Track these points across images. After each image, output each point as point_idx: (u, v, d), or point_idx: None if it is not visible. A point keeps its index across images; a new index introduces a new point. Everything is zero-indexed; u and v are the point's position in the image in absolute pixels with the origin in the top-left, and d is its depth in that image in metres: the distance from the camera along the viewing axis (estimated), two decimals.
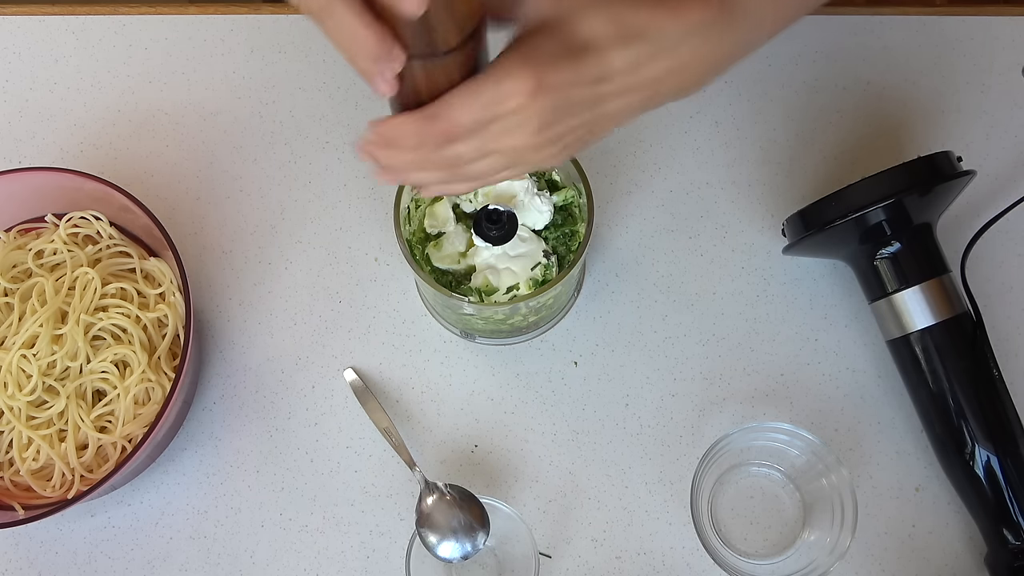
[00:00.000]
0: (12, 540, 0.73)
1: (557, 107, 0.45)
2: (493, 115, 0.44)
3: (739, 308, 0.76)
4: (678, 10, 0.45)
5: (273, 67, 0.84)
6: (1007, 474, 0.67)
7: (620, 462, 0.73)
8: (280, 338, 0.77)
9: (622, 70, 0.45)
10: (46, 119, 0.82)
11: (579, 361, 0.76)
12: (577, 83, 0.45)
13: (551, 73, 0.43)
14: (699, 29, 0.46)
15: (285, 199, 0.80)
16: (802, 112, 0.81)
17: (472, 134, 0.45)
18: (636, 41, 0.44)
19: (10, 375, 0.68)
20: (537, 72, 0.43)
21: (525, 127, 0.45)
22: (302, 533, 0.72)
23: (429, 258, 0.68)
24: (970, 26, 0.83)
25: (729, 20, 0.47)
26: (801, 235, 0.71)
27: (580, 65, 0.44)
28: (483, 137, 0.45)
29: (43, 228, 0.75)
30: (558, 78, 0.44)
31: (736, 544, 0.72)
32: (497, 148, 0.46)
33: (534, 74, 0.43)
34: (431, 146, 0.46)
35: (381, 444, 0.74)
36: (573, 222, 0.68)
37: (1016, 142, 0.80)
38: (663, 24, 0.45)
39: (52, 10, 0.86)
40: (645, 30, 0.44)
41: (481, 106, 0.44)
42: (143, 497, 0.73)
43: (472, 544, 0.67)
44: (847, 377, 0.75)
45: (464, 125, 0.44)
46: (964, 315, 0.69)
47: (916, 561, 0.71)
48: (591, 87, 0.45)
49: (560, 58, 0.44)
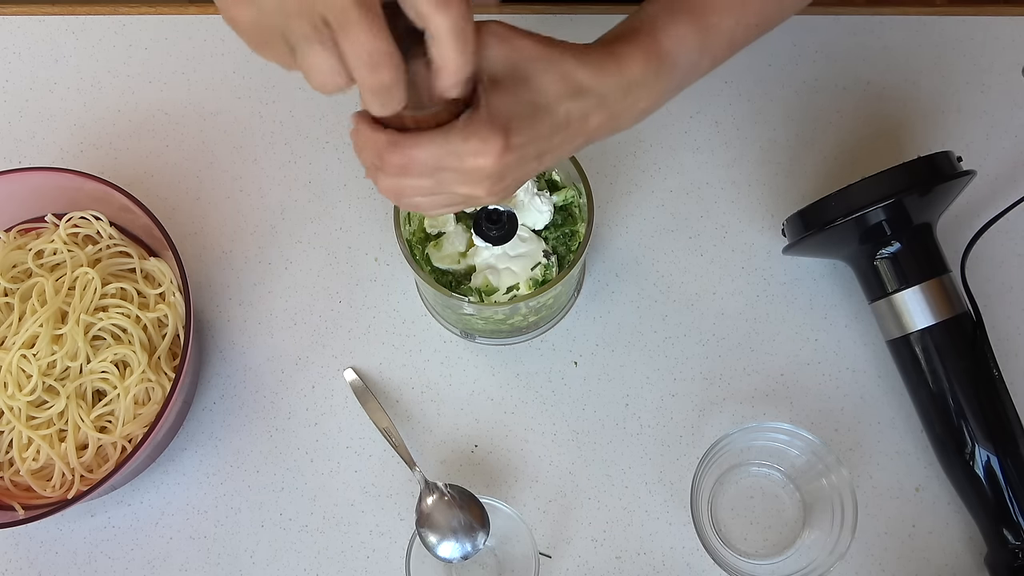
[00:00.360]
0: (12, 540, 0.73)
1: (513, 163, 0.48)
2: (453, 166, 0.47)
3: (739, 308, 0.76)
4: (619, 67, 0.51)
5: (273, 67, 0.82)
6: (1007, 474, 0.67)
7: (620, 462, 0.73)
8: (280, 338, 0.77)
9: (571, 122, 0.50)
10: (46, 119, 0.82)
11: (579, 361, 0.76)
12: (535, 139, 0.49)
13: (514, 135, 0.47)
14: (637, 83, 0.52)
15: (285, 199, 0.80)
16: (802, 112, 0.81)
17: (425, 175, 0.48)
18: (583, 96, 0.50)
19: (10, 375, 0.68)
20: (504, 134, 0.47)
21: (482, 182, 0.48)
22: (302, 533, 0.72)
23: (429, 258, 0.68)
24: (970, 26, 0.83)
25: (661, 72, 0.53)
26: (801, 235, 0.71)
27: (537, 122, 0.48)
28: (437, 179, 0.48)
29: (43, 228, 0.75)
30: (520, 139, 0.48)
31: (736, 544, 0.72)
32: (447, 191, 0.49)
33: (503, 135, 0.47)
34: (386, 168, 0.48)
35: (381, 444, 0.74)
36: (573, 222, 0.68)
37: (1016, 142, 0.80)
38: (606, 80, 0.50)
39: (52, 10, 0.86)
40: (591, 87, 0.50)
41: (445, 154, 0.47)
42: (143, 497, 0.73)
43: (472, 544, 0.67)
44: (847, 377, 0.75)
45: (421, 165, 0.47)
46: (964, 315, 0.69)
47: (916, 561, 0.71)
48: (545, 140, 0.50)
49: (521, 118, 0.48)
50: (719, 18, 0.55)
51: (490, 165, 0.47)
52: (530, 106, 0.48)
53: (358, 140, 0.49)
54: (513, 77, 0.48)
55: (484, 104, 0.47)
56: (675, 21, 0.54)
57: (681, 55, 0.54)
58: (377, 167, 0.49)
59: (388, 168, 0.48)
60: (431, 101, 0.46)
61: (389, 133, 0.47)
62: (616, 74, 0.51)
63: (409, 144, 0.47)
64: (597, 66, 0.50)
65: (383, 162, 0.48)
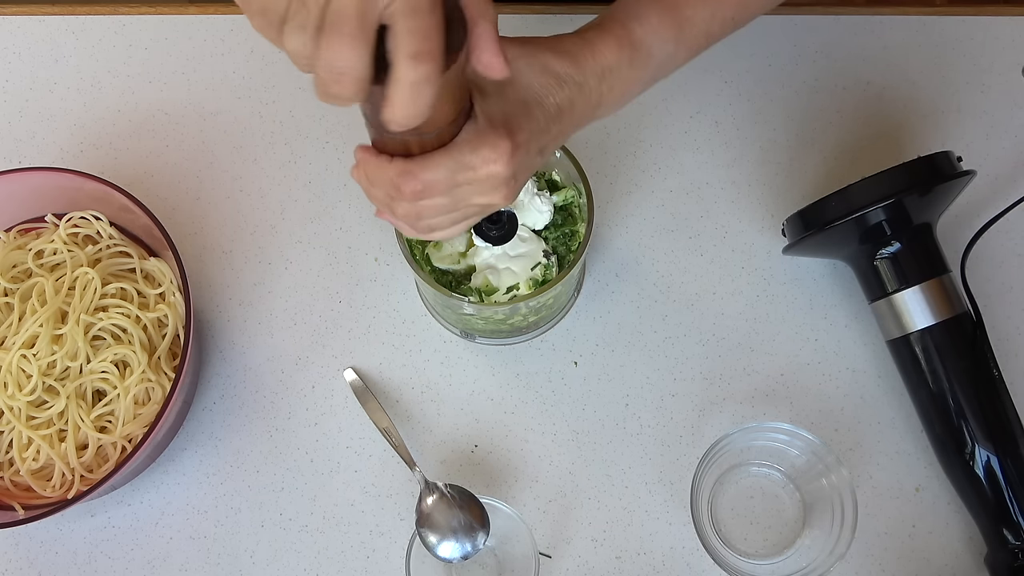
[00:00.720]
0: (12, 540, 0.73)
1: (522, 161, 0.50)
2: (468, 179, 0.49)
3: (739, 308, 0.76)
4: (592, 55, 0.53)
5: (273, 67, 0.84)
6: (1007, 474, 0.67)
7: (620, 462, 0.73)
8: (280, 338, 0.77)
9: (562, 111, 0.52)
10: (46, 119, 0.82)
11: (579, 361, 0.76)
12: (535, 132, 0.51)
13: (517, 133, 0.49)
14: (610, 69, 0.54)
15: (285, 199, 0.80)
16: (802, 112, 0.81)
17: (442, 194, 0.49)
18: (565, 85, 0.52)
19: (10, 375, 0.68)
20: (509, 135, 0.48)
21: (499, 188, 0.50)
22: (302, 533, 0.72)
23: (429, 258, 0.68)
24: (970, 26, 0.83)
25: (635, 60, 0.55)
26: (801, 235, 0.71)
27: (533, 117, 0.50)
28: (453, 196, 0.49)
29: (43, 228, 0.75)
30: (523, 135, 0.49)
31: (736, 544, 0.72)
32: (464, 205, 0.50)
33: (508, 137, 0.48)
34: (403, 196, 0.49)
35: (381, 444, 0.74)
36: (573, 222, 0.68)
37: (1016, 142, 0.80)
38: (582, 67, 0.53)
39: (52, 10, 0.86)
40: (570, 75, 0.52)
41: (459, 168, 0.48)
42: (143, 497, 0.73)
43: (472, 544, 0.67)
44: (847, 377, 0.75)
45: (438, 185, 0.48)
46: (964, 315, 0.69)
47: (916, 561, 0.71)
48: (543, 133, 0.52)
49: (518, 116, 0.50)
50: (693, 11, 0.57)
51: (503, 169, 0.48)
52: (522, 104, 0.50)
53: (368, 174, 0.49)
54: (498, 82, 0.49)
55: (480, 113, 0.48)
56: (649, 12, 0.56)
57: (655, 45, 0.56)
58: (392, 197, 0.49)
59: (405, 196, 0.48)
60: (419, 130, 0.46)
61: (398, 163, 0.48)
62: (591, 61, 0.53)
63: (421, 169, 0.48)
64: (572, 55, 0.52)
65: (399, 192, 0.48)
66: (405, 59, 0.41)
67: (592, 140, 0.80)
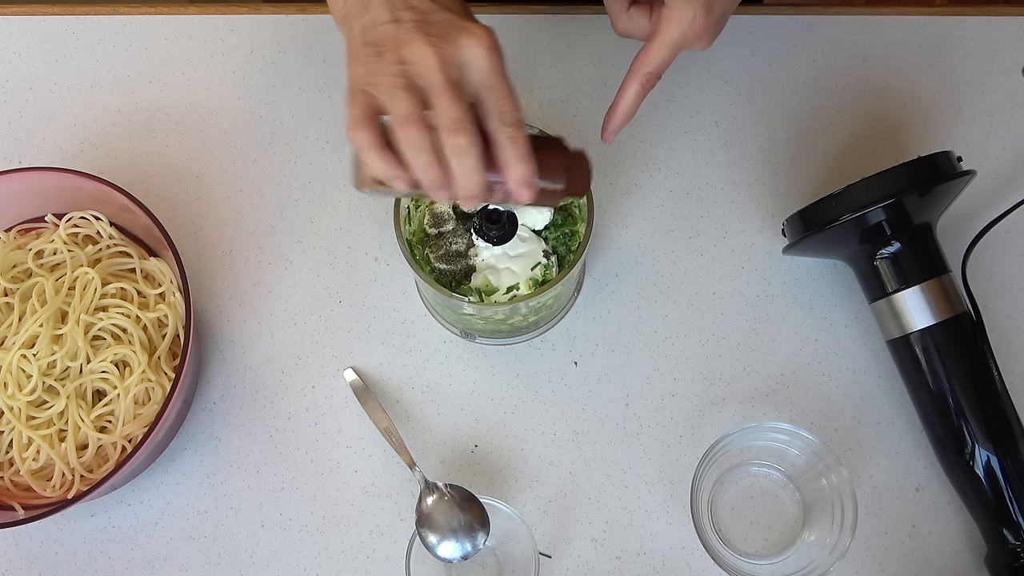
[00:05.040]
0: (12, 540, 0.73)
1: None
2: (680, 48, 0.62)
3: (739, 308, 0.76)
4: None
5: (273, 67, 0.84)
6: (1007, 474, 0.67)
7: (620, 462, 0.73)
8: (280, 338, 0.77)
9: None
10: (46, 119, 0.82)
11: (579, 361, 0.76)
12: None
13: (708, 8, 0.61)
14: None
15: (285, 199, 0.80)
16: (802, 112, 0.81)
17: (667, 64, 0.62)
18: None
19: (10, 375, 0.68)
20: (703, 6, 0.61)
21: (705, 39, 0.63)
22: (302, 533, 0.72)
23: (429, 258, 0.67)
24: (970, 26, 0.83)
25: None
26: (801, 235, 0.71)
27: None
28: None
29: (43, 228, 0.75)
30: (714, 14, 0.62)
31: (736, 544, 0.72)
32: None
33: (705, 7, 0.60)
34: (650, 85, 0.63)
35: (381, 444, 0.74)
36: (573, 222, 0.68)
37: (1016, 142, 0.80)
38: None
39: (52, 10, 0.86)
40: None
41: (675, 45, 0.61)
42: (143, 497, 0.73)
43: (472, 544, 0.67)
44: (847, 377, 0.75)
45: (664, 64, 0.62)
46: (964, 315, 0.69)
47: (916, 561, 0.71)
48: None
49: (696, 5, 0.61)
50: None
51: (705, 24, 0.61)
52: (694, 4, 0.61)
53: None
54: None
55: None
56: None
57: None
58: (645, 87, 0.63)
59: (648, 81, 0.63)
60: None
61: (635, 72, 0.62)
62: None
63: (647, 61, 0.62)
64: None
65: (651, 82, 0.63)
66: (510, 166, 0.55)
67: (592, 140, 0.80)
